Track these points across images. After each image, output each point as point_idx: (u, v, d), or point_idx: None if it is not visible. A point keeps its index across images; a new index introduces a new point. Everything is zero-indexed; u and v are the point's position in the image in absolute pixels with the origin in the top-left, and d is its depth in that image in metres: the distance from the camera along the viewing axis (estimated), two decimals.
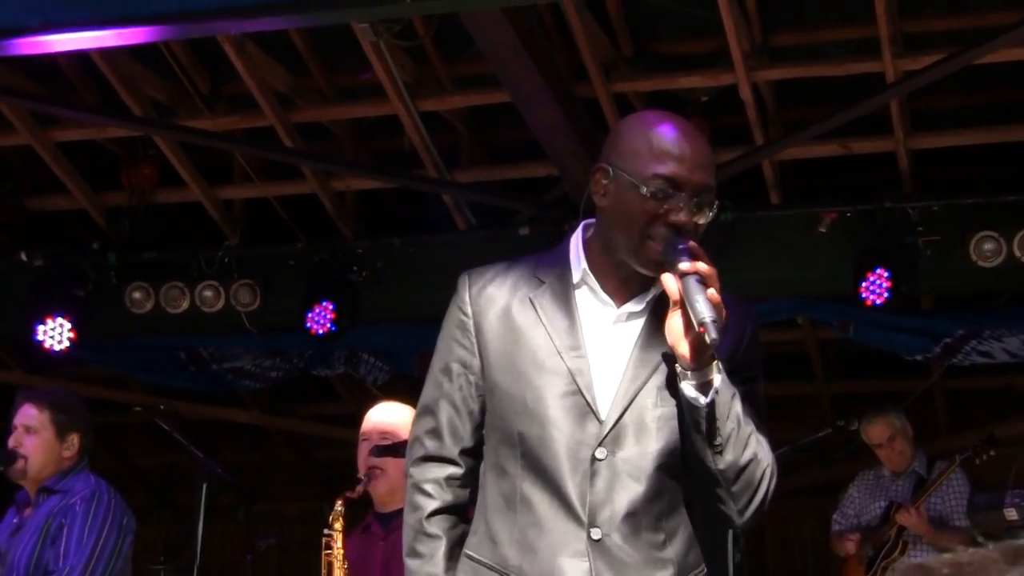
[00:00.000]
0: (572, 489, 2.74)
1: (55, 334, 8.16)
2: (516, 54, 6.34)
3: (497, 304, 2.86)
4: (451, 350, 2.91)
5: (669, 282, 2.67)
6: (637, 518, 2.74)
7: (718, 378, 2.66)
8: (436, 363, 2.96)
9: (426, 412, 2.96)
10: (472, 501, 2.94)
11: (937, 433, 9.78)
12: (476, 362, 2.87)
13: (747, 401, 2.74)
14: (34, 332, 8.16)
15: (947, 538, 7.34)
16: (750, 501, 2.74)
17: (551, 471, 2.76)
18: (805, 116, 7.57)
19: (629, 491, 2.74)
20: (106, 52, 7.29)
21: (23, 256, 8.49)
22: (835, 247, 7.60)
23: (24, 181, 8.72)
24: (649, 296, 2.82)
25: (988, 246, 7.40)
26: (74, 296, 8.35)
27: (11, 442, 5.31)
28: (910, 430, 7.69)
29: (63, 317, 8.18)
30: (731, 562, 7.54)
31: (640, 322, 2.82)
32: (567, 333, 2.79)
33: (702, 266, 2.63)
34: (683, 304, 2.64)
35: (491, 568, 2.83)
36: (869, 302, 7.29)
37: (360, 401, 10.06)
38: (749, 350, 2.83)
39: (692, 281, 2.63)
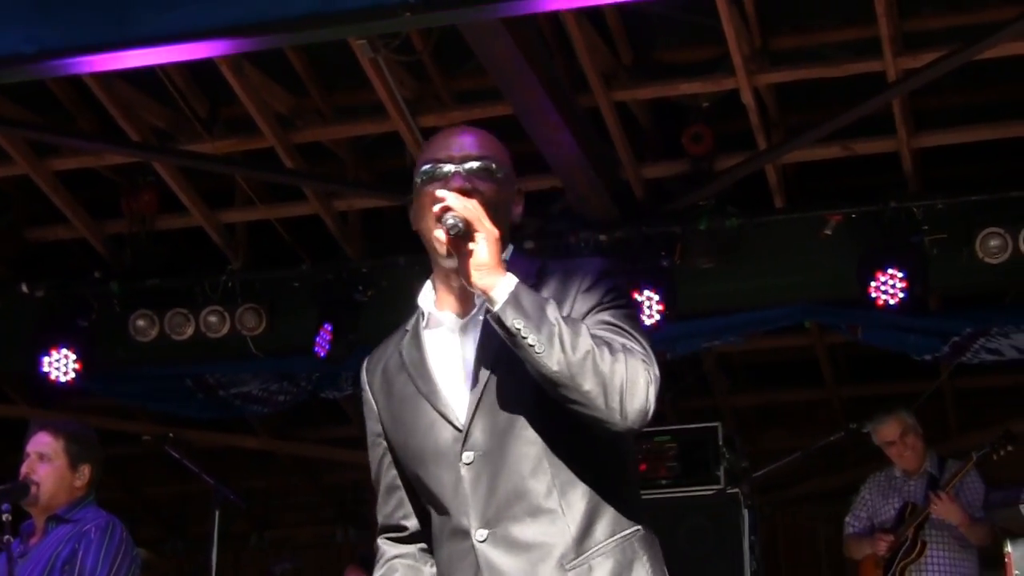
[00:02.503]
0: (456, 505, 2.83)
1: (60, 365, 8.10)
2: (516, 65, 6.31)
3: (379, 368, 3.03)
4: (367, 426, 3.07)
5: (439, 236, 2.77)
6: (522, 503, 2.78)
7: (512, 282, 2.72)
8: None
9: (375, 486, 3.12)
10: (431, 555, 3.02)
11: (948, 434, 9.76)
12: (380, 427, 3.02)
13: (604, 325, 2.78)
14: (39, 364, 8.10)
15: (976, 528, 7.29)
16: (609, 392, 2.67)
17: (440, 497, 2.87)
18: (807, 119, 7.54)
19: (506, 480, 2.79)
20: (102, 79, 7.26)
21: (24, 288, 8.44)
22: (841, 250, 7.58)
23: (23, 212, 8.67)
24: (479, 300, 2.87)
25: (994, 243, 7.39)
26: (78, 326, 8.30)
27: (24, 469, 5.30)
28: (920, 429, 7.65)
29: (68, 348, 8.11)
30: (748, 570, 7.51)
31: (479, 326, 2.88)
32: (419, 364, 2.92)
33: (441, 194, 2.76)
34: (454, 244, 2.75)
35: None
36: (881, 302, 7.25)
37: None
38: (589, 291, 2.85)
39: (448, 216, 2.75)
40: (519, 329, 2.67)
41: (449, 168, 2.88)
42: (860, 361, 9.79)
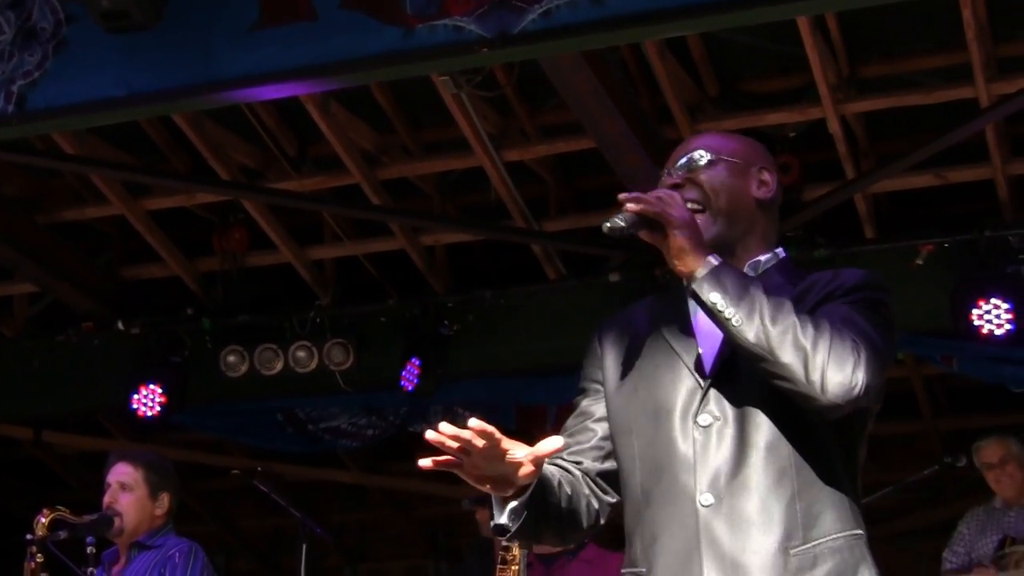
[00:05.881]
0: (680, 465, 2.80)
1: (147, 400, 8.22)
2: (599, 99, 6.30)
3: (618, 324, 3.08)
4: (582, 373, 3.10)
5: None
6: (757, 476, 2.75)
7: (716, 261, 2.78)
8: None
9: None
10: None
11: None
12: (600, 375, 3.04)
13: (841, 312, 2.78)
14: (131, 400, 8.22)
15: None
16: (809, 366, 2.66)
17: (662, 454, 2.83)
18: (897, 147, 7.43)
19: (743, 451, 2.76)
20: (192, 119, 7.35)
21: (120, 325, 8.58)
22: (934, 280, 7.44)
23: (119, 251, 8.81)
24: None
25: None
26: (171, 363, 8.41)
27: (107, 499, 5.45)
28: None
29: (154, 383, 8.23)
30: None
31: None
32: (676, 323, 2.94)
33: (621, 197, 2.85)
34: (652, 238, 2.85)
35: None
36: (985, 332, 7.10)
37: None
38: (851, 290, 2.86)
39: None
40: (715, 302, 2.73)
41: (665, 173, 3.06)
42: (958, 393, 9.62)
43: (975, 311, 7.14)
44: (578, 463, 2.98)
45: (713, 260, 2.77)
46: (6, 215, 8.04)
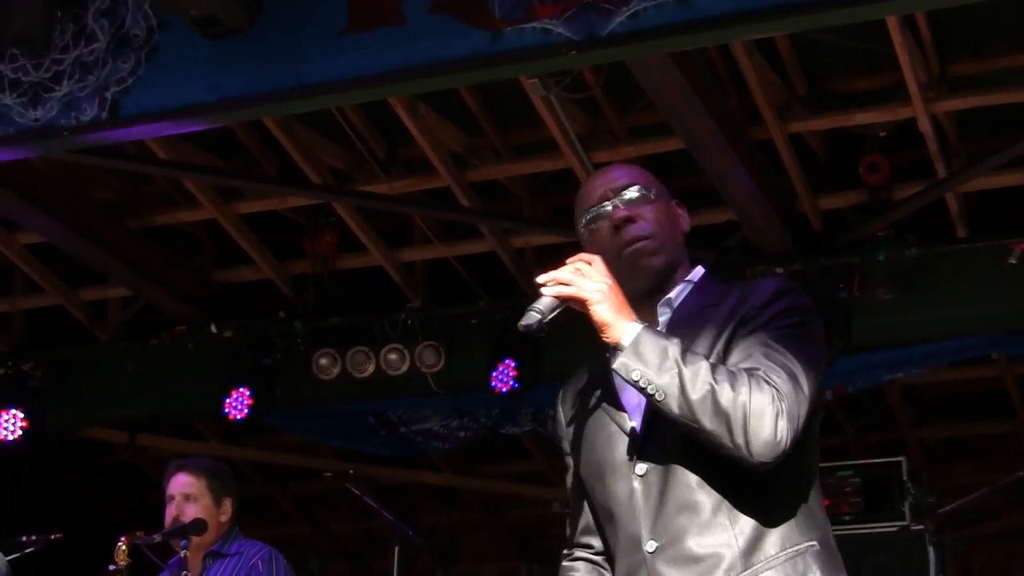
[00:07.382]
0: (629, 517, 2.89)
1: (237, 404, 8.30)
2: (687, 100, 6.30)
3: (572, 388, 3.16)
4: (561, 444, 3.18)
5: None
6: (690, 515, 2.82)
7: (635, 331, 2.81)
8: None
9: None
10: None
11: None
12: (567, 445, 3.14)
13: (759, 347, 2.83)
14: (224, 403, 8.31)
15: None
16: (733, 429, 2.72)
17: (615, 510, 2.93)
18: (988, 146, 7.35)
19: (675, 492, 2.84)
20: (283, 123, 7.43)
21: (213, 328, 8.67)
22: None
23: (211, 255, 8.90)
24: (663, 319, 3.02)
25: None
26: (263, 365, 8.49)
27: (172, 511, 5.43)
28: None
29: (244, 386, 8.32)
30: None
31: None
32: (605, 380, 3.00)
33: (540, 280, 2.92)
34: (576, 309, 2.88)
35: None
36: None
37: (550, 459, 10.05)
38: (762, 310, 2.90)
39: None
40: (637, 380, 2.78)
41: (607, 206, 3.06)
42: None
43: None
44: (589, 546, 3.10)
45: (632, 330, 2.81)
46: (99, 220, 8.15)
